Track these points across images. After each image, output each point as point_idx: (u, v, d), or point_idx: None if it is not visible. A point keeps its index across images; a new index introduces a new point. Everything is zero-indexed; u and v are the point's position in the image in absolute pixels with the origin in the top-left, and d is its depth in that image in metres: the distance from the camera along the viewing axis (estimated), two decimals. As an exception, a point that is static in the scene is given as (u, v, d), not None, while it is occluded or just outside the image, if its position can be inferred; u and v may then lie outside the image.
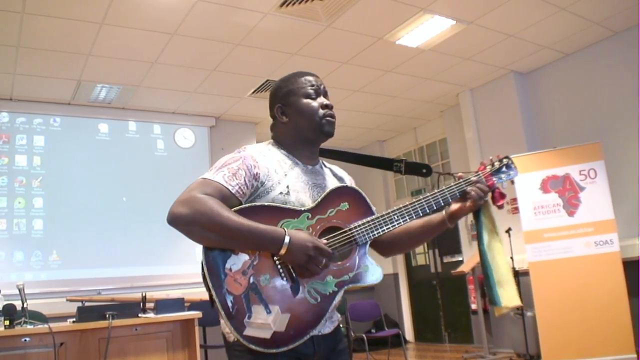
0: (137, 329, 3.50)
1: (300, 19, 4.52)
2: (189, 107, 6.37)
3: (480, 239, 1.66)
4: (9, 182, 5.51)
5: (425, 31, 4.92)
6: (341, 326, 1.65)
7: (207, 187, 1.39)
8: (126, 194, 6.05)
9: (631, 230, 4.95)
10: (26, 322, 3.22)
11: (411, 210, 1.55)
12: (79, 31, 4.40)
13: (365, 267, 1.48)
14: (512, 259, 5.27)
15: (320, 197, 1.50)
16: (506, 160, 1.68)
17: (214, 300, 1.34)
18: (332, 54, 5.24)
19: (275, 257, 1.39)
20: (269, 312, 1.34)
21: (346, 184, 1.67)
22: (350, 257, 1.47)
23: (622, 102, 5.19)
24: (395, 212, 1.53)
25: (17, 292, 3.38)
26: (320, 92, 1.60)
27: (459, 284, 6.71)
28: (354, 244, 1.48)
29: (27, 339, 3.14)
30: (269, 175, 1.48)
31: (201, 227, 1.34)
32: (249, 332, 1.33)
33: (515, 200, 5.29)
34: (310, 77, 1.61)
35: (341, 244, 1.47)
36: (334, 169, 1.73)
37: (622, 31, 5.20)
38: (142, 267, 5.92)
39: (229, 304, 1.33)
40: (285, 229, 1.38)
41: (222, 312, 1.33)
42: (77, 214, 5.71)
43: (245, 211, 1.40)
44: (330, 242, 1.45)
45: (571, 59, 5.69)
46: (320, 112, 1.57)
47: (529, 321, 5.19)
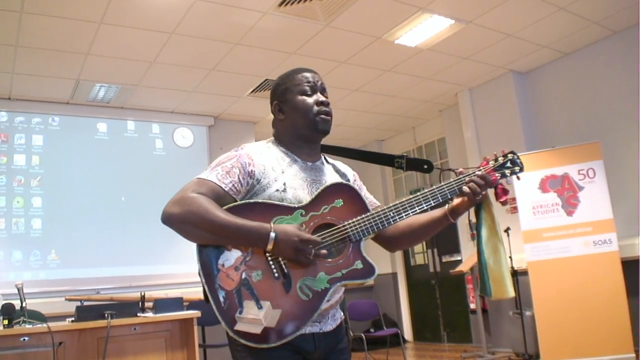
0: (135, 329, 3.51)
1: (298, 18, 4.52)
2: (188, 106, 6.37)
3: (478, 236, 1.63)
4: (7, 182, 5.50)
5: (423, 30, 4.92)
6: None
7: (200, 187, 1.41)
8: (125, 194, 6.04)
9: (630, 229, 4.96)
10: (25, 322, 3.22)
11: (407, 206, 1.52)
12: (78, 30, 4.39)
13: (359, 264, 1.45)
14: (510, 258, 5.25)
15: (314, 194, 1.49)
16: (511, 155, 1.65)
17: (207, 296, 1.36)
18: (330, 53, 5.24)
19: (267, 253, 1.38)
20: (260, 307, 1.34)
21: (348, 180, 1.65)
22: (344, 254, 1.46)
23: (621, 101, 5.20)
24: (391, 208, 1.51)
25: (16, 291, 3.38)
26: (316, 88, 1.59)
27: (457, 283, 6.72)
28: (347, 240, 1.46)
29: (26, 339, 3.13)
30: (265, 172, 1.48)
31: (193, 225, 1.36)
32: (240, 327, 1.33)
33: (514, 199, 5.29)
34: (307, 74, 1.60)
35: (334, 240, 1.45)
36: (337, 165, 1.70)
37: (621, 31, 5.20)
38: (141, 266, 5.91)
39: (221, 299, 1.34)
40: (272, 224, 1.38)
41: (215, 307, 1.34)
42: (76, 214, 5.71)
43: (239, 208, 1.40)
44: (322, 238, 1.43)
45: (570, 58, 5.68)
46: (314, 109, 1.55)
47: (527, 321, 5.20)
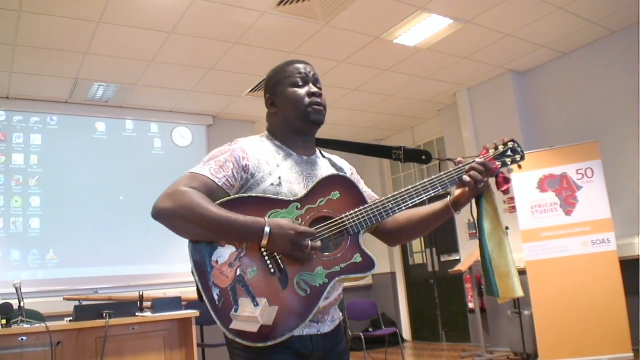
0: (134, 328, 3.50)
1: (297, 17, 4.51)
2: (187, 105, 6.36)
3: (480, 229, 1.55)
4: (5, 181, 5.49)
5: (422, 30, 4.92)
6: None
7: (193, 181, 1.37)
8: (123, 193, 6.03)
9: (628, 229, 4.96)
10: (23, 321, 3.22)
11: (407, 197, 1.47)
12: (76, 29, 4.39)
13: (358, 258, 1.39)
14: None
15: (310, 187, 1.44)
16: (512, 143, 1.59)
17: (201, 294, 1.31)
18: (329, 52, 5.24)
19: (262, 249, 1.33)
20: (257, 304, 1.29)
21: (345, 173, 1.60)
22: (342, 247, 1.40)
23: (620, 101, 5.20)
24: (389, 199, 1.46)
25: (14, 291, 3.37)
26: (309, 79, 1.54)
27: (456, 283, 6.72)
28: (345, 233, 1.40)
29: (24, 338, 3.13)
30: (260, 167, 1.44)
31: (185, 220, 1.31)
32: (235, 325, 1.28)
33: (512, 199, 5.29)
34: (299, 65, 1.56)
35: (331, 233, 1.40)
36: (333, 159, 1.66)
37: (620, 30, 5.21)
38: (140, 266, 5.91)
39: (216, 298, 1.29)
40: (266, 218, 1.33)
41: (209, 306, 1.29)
42: (74, 213, 5.70)
43: (233, 203, 1.36)
44: (319, 231, 1.38)
45: (569, 58, 5.69)
46: (306, 100, 1.50)
47: (526, 320, 5.20)
